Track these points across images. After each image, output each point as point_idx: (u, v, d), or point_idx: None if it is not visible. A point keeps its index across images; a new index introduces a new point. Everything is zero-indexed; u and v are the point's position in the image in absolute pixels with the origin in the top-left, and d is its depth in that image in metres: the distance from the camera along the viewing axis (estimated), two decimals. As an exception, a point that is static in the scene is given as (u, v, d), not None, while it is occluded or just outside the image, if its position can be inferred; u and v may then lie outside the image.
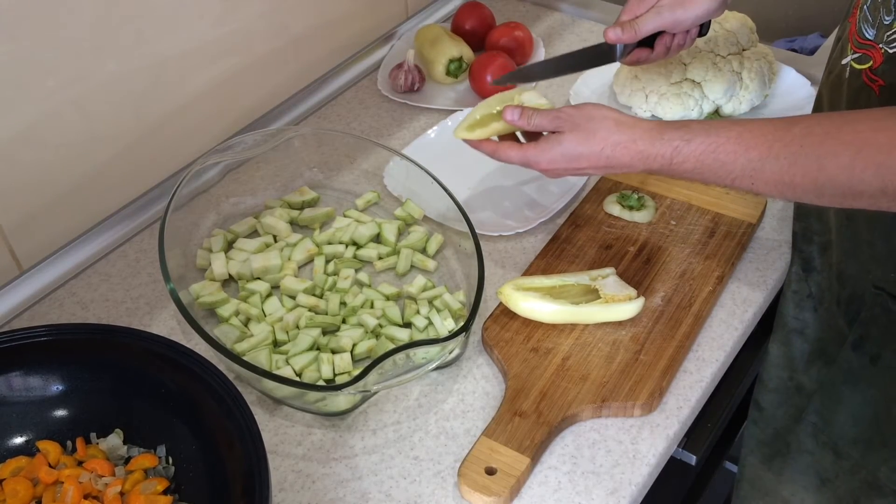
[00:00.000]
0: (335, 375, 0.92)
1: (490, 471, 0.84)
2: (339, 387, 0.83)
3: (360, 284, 1.03)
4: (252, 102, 1.26)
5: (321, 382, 0.91)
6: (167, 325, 1.02)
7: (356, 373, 0.85)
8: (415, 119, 1.29)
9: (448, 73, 1.33)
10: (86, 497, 0.78)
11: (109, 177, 1.10)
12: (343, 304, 1.00)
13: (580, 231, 1.08)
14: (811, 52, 1.55)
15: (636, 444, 0.88)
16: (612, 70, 1.28)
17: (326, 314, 0.99)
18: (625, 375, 0.91)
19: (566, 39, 1.45)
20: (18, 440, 0.82)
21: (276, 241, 1.08)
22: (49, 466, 0.80)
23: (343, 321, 0.98)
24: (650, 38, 1.03)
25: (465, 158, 1.09)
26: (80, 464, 0.81)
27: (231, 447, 0.75)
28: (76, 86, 1.02)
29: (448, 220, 1.07)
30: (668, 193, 1.12)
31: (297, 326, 0.97)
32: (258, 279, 1.03)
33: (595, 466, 0.86)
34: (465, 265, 1.03)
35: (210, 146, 1.19)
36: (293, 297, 1.01)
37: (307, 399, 0.88)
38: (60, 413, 0.83)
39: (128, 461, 0.82)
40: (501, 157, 0.96)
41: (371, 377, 0.83)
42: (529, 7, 1.52)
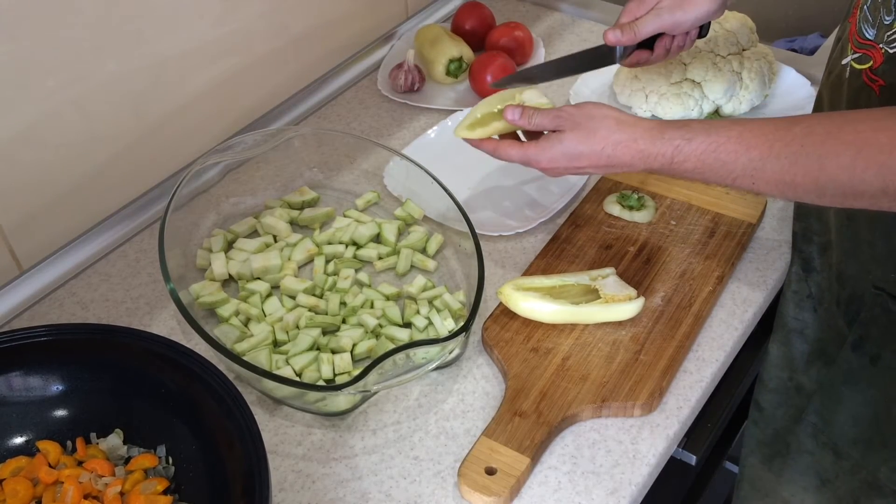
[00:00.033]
0: (335, 375, 0.92)
1: (490, 471, 0.84)
2: (339, 387, 0.83)
3: (360, 284, 1.03)
4: (252, 102, 1.26)
5: (321, 382, 0.91)
6: (167, 325, 1.02)
7: (356, 373, 0.85)
8: (415, 119, 1.29)
9: (448, 73, 1.33)
10: (86, 497, 0.78)
11: (109, 177, 1.10)
12: (343, 304, 1.00)
13: (580, 231, 1.08)
14: (811, 52, 1.55)
15: (636, 444, 0.88)
16: (612, 70, 1.28)
17: (326, 314, 0.99)
18: (625, 375, 0.91)
19: (566, 39, 1.45)
20: (18, 440, 0.82)
21: (276, 241, 1.08)
22: (49, 466, 0.80)
23: (343, 321, 0.98)
24: (650, 40, 1.03)
25: (466, 158, 1.09)
26: (80, 464, 0.81)
27: (231, 447, 0.75)
28: (76, 86, 1.02)
29: (448, 220, 1.06)
30: (668, 193, 1.12)
31: (297, 326, 0.97)
32: (258, 279, 1.03)
33: (595, 466, 0.86)
34: (465, 265, 1.03)
35: (210, 146, 1.19)
36: (293, 297, 1.01)
37: (307, 399, 0.88)
38: (60, 413, 0.83)
39: (128, 461, 0.82)
40: (502, 156, 0.96)
41: (371, 377, 0.83)
42: (529, 7, 1.52)
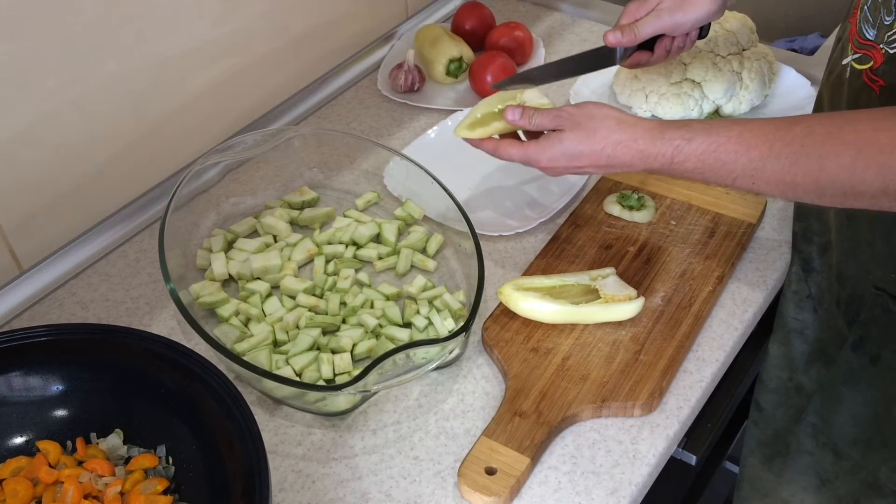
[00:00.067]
0: (335, 375, 0.92)
1: (490, 471, 0.84)
2: (339, 387, 0.83)
3: (360, 284, 1.03)
4: (252, 102, 1.26)
5: (321, 382, 0.91)
6: (167, 325, 1.02)
7: (356, 373, 0.85)
8: (415, 119, 1.29)
9: (448, 73, 1.33)
10: (86, 497, 0.78)
11: (109, 177, 1.10)
12: (343, 304, 1.00)
13: (580, 231, 1.08)
14: (811, 52, 1.55)
15: (636, 444, 0.88)
16: (613, 70, 1.28)
17: (326, 314, 0.99)
18: (625, 375, 0.91)
19: (566, 39, 1.45)
20: (18, 440, 0.82)
21: (276, 241, 1.08)
22: (49, 466, 0.80)
23: (343, 321, 0.98)
24: (650, 41, 1.03)
25: (466, 158, 1.09)
26: (80, 464, 0.81)
27: (231, 447, 0.75)
28: (76, 86, 1.02)
29: (448, 220, 1.06)
30: (668, 193, 1.12)
31: (297, 326, 0.97)
32: (258, 279, 1.03)
33: (595, 466, 0.86)
34: (465, 265, 1.03)
35: (210, 146, 1.19)
36: (293, 297, 1.01)
37: (307, 399, 0.88)
38: (60, 413, 0.83)
39: (128, 461, 0.82)
40: (502, 155, 0.96)
41: (371, 377, 0.83)
42: (529, 7, 1.52)
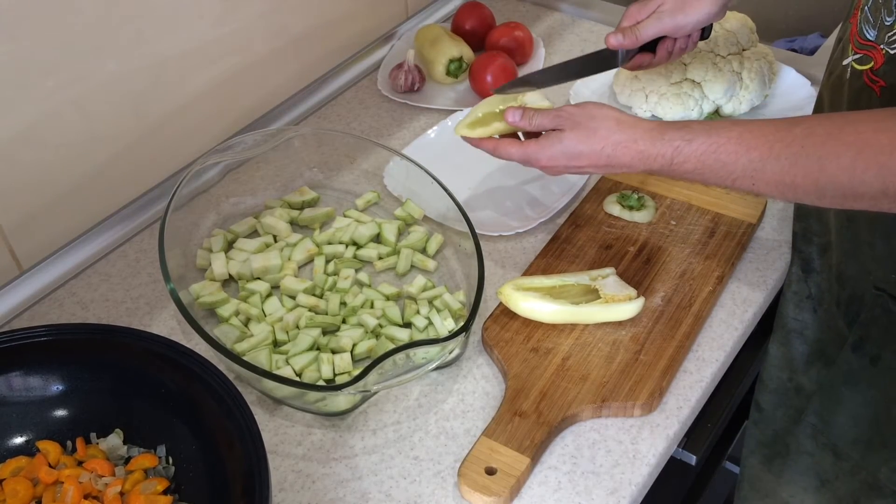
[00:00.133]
0: (335, 375, 0.92)
1: (490, 471, 0.84)
2: (339, 387, 0.83)
3: (360, 284, 1.03)
4: (252, 102, 1.26)
5: (321, 382, 0.91)
6: (167, 325, 1.02)
7: (356, 373, 0.85)
8: (415, 119, 1.29)
9: (448, 73, 1.33)
10: (86, 497, 0.78)
11: (109, 177, 1.10)
12: (343, 304, 1.00)
13: (580, 231, 1.08)
14: (811, 52, 1.55)
15: (636, 444, 0.88)
16: (613, 71, 1.28)
17: (326, 314, 0.99)
18: (625, 375, 0.91)
19: (566, 39, 1.45)
20: (18, 440, 0.82)
21: (276, 241, 1.08)
22: (49, 466, 0.80)
23: (343, 321, 0.98)
24: (652, 43, 1.03)
25: (466, 158, 1.09)
26: (80, 464, 0.81)
27: (231, 447, 0.75)
28: (76, 86, 1.02)
29: (448, 220, 1.06)
30: (668, 193, 1.12)
31: (297, 326, 0.97)
32: (258, 279, 1.03)
33: (595, 466, 0.86)
34: (465, 265, 1.03)
35: (210, 146, 1.19)
36: (293, 297, 1.01)
37: (307, 399, 0.88)
38: (60, 413, 0.83)
39: (128, 461, 0.82)
40: (502, 154, 0.96)
41: (371, 377, 0.83)
42: (529, 7, 1.52)
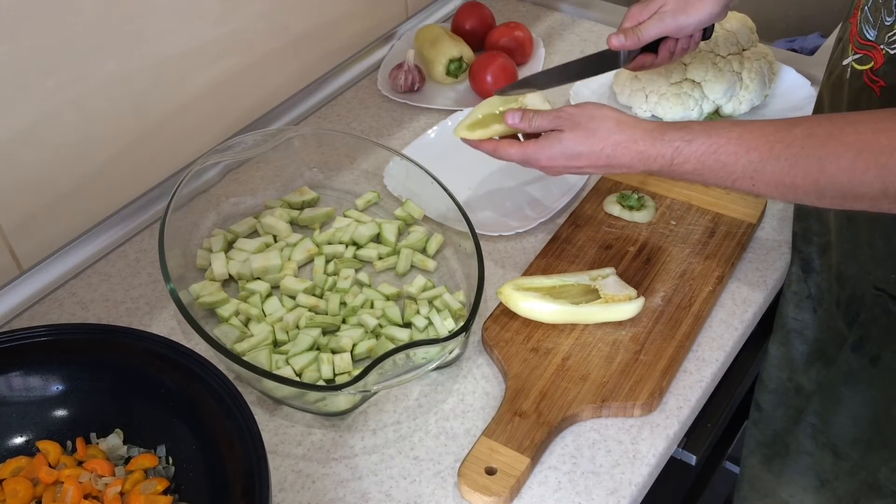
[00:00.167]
0: (335, 375, 0.92)
1: (490, 471, 0.84)
2: (339, 387, 0.83)
3: (360, 284, 1.03)
4: (252, 102, 1.26)
5: (321, 382, 0.91)
6: (167, 325, 1.02)
7: (356, 373, 0.85)
8: (415, 119, 1.29)
9: (448, 73, 1.33)
10: (86, 497, 0.78)
11: (109, 177, 1.10)
12: (343, 304, 1.00)
13: (580, 231, 1.08)
14: (811, 52, 1.55)
15: (636, 444, 0.88)
16: (613, 70, 1.28)
17: (326, 314, 0.99)
18: (625, 375, 0.91)
19: (566, 39, 1.45)
20: (18, 440, 0.82)
21: (276, 241, 1.08)
22: (49, 466, 0.80)
23: (343, 321, 0.98)
24: (654, 43, 1.03)
25: (466, 158, 1.09)
26: (80, 464, 0.81)
27: (231, 447, 0.75)
28: (76, 86, 1.02)
29: (448, 220, 1.06)
30: (668, 193, 1.12)
31: (297, 326, 0.97)
32: (258, 279, 1.03)
33: (595, 466, 0.86)
34: (465, 265, 1.03)
35: (210, 146, 1.19)
36: (293, 297, 1.01)
37: (307, 399, 0.88)
38: (60, 413, 0.83)
39: (128, 461, 0.82)
40: (501, 156, 0.96)
41: (371, 377, 0.83)
42: (529, 7, 1.52)
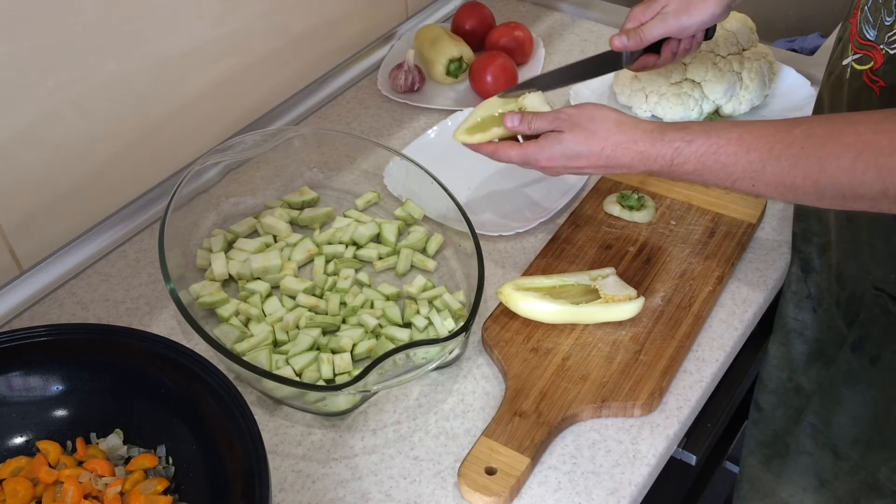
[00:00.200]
0: (335, 375, 0.92)
1: (490, 471, 0.84)
2: (339, 387, 0.83)
3: (360, 284, 1.03)
4: (252, 102, 1.26)
5: (321, 382, 0.91)
6: (167, 325, 1.02)
7: (356, 373, 0.85)
8: (415, 119, 1.29)
9: (448, 73, 1.33)
10: (86, 497, 0.78)
11: (109, 177, 1.10)
12: (343, 304, 1.00)
13: (580, 231, 1.08)
14: (811, 52, 1.55)
15: (636, 444, 0.88)
16: (613, 70, 1.28)
17: (326, 314, 0.99)
18: (625, 375, 0.91)
19: (566, 39, 1.45)
20: (18, 440, 0.82)
21: (276, 241, 1.08)
22: (49, 466, 0.80)
23: (343, 321, 0.98)
24: (656, 44, 1.03)
25: (466, 158, 1.09)
26: (80, 464, 0.81)
27: (231, 447, 0.75)
28: (76, 86, 1.02)
29: (448, 220, 1.06)
30: (668, 193, 1.12)
31: (297, 326, 0.97)
32: (258, 279, 1.03)
33: (595, 466, 0.86)
34: (465, 265, 1.03)
35: (210, 146, 1.19)
36: (293, 297, 1.01)
37: (307, 399, 0.88)
38: (60, 413, 0.83)
39: (128, 461, 0.82)
40: (501, 158, 0.96)
41: (371, 377, 0.83)
42: (529, 7, 1.52)
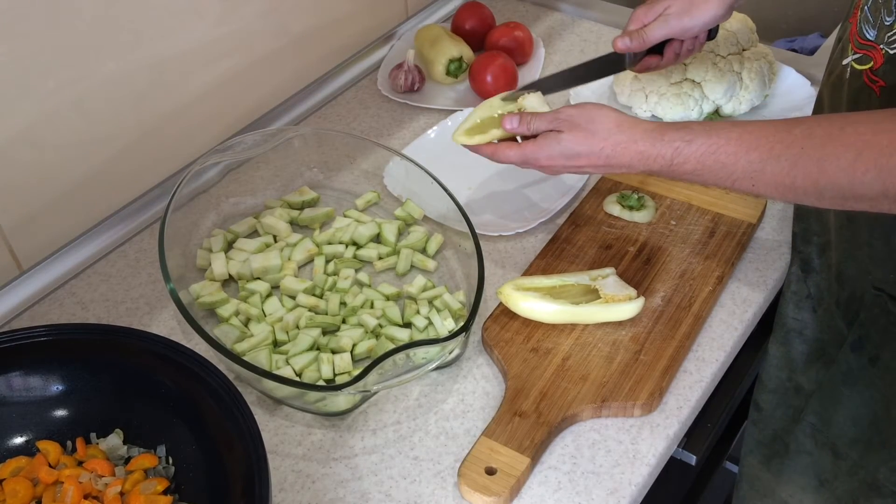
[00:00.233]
0: (335, 375, 0.92)
1: (490, 471, 0.84)
2: (339, 387, 0.83)
3: (360, 284, 1.03)
4: (252, 102, 1.26)
5: (321, 382, 0.91)
6: (167, 325, 1.02)
7: (356, 373, 0.85)
8: (415, 119, 1.29)
9: (448, 73, 1.33)
10: (86, 497, 0.78)
11: (109, 177, 1.10)
12: (343, 304, 1.00)
13: (580, 231, 1.08)
14: (811, 52, 1.54)
15: (636, 444, 0.88)
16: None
17: (326, 314, 0.99)
18: (625, 375, 0.91)
19: (566, 39, 1.45)
20: (18, 440, 0.82)
21: (276, 241, 1.08)
22: (49, 466, 0.80)
23: (343, 321, 0.98)
24: (659, 45, 1.03)
25: (465, 159, 1.09)
26: (80, 464, 0.81)
27: (231, 447, 0.75)
28: (76, 86, 1.02)
29: (448, 221, 1.06)
30: (668, 193, 1.12)
31: (297, 326, 0.97)
32: (258, 279, 1.03)
33: (595, 466, 0.86)
34: (465, 265, 1.03)
35: (210, 146, 1.19)
36: (293, 297, 1.01)
37: (307, 399, 0.88)
38: (60, 413, 0.83)
39: (128, 461, 0.82)
40: (500, 158, 0.96)
41: (371, 377, 0.83)
42: (529, 7, 1.52)
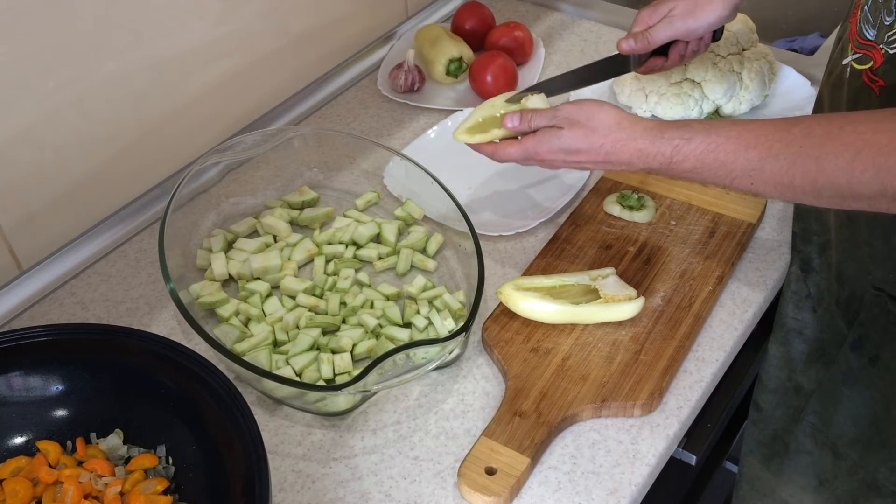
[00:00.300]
0: (335, 375, 0.92)
1: (490, 471, 0.84)
2: (339, 387, 0.83)
3: (360, 284, 1.03)
4: (252, 102, 1.26)
5: (321, 382, 0.91)
6: (167, 325, 1.02)
7: (356, 373, 0.85)
8: (415, 119, 1.29)
9: (448, 73, 1.33)
10: (86, 497, 0.78)
11: (109, 177, 1.10)
12: (343, 304, 1.00)
13: (580, 231, 1.08)
14: (811, 52, 1.54)
15: (636, 444, 0.88)
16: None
17: (326, 314, 0.99)
18: (625, 375, 0.91)
19: (566, 39, 1.45)
20: (18, 440, 0.82)
21: (276, 241, 1.08)
22: (49, 466, 0.80)
23: (343, 321, 0.98)
24: (664, 46, 1.03)
25: (465, 159, 1.09)
26: (80, 464, 0.81)
27: (231, 447, 0.75)
28: (76, 86, 1.02)
29: (448, 220, 1.06)
30: (668, 193, 1.12)
31: (297, 326, 0.97)
32: (258, 279, 1.03)
33: (595, 466, 0.86)
34: (465, 265, 1.03)
35: (210, 146, 1.19)
36: (293, 297, 1.01)
37: (307, 399, 0.88)
38: (60, 413, 0.83)
39: (128, 461, 0.82)
40: (501, 157, 0.96)
41: (371, 377, 0.83)
42: (529, 7, 1.52)
